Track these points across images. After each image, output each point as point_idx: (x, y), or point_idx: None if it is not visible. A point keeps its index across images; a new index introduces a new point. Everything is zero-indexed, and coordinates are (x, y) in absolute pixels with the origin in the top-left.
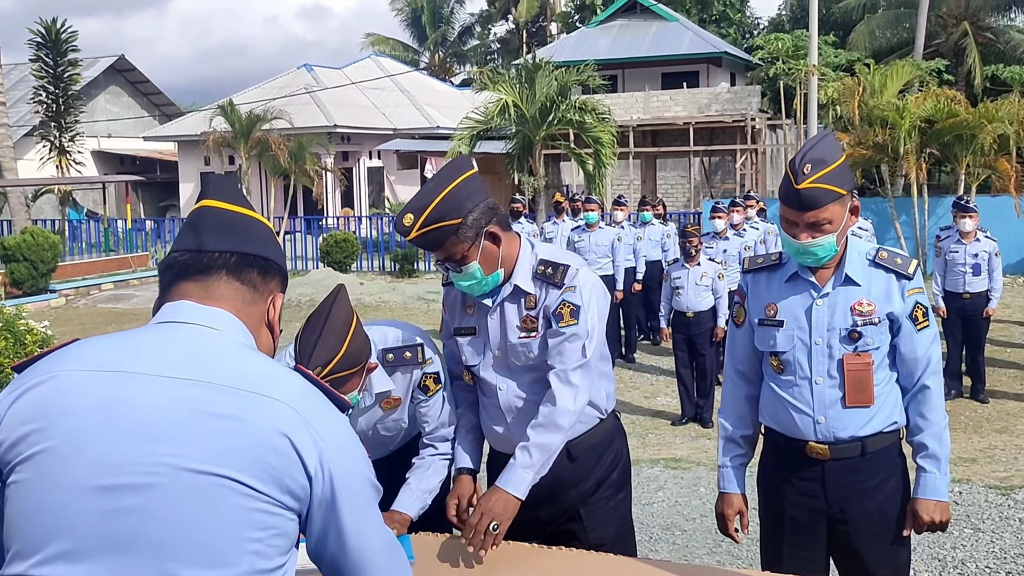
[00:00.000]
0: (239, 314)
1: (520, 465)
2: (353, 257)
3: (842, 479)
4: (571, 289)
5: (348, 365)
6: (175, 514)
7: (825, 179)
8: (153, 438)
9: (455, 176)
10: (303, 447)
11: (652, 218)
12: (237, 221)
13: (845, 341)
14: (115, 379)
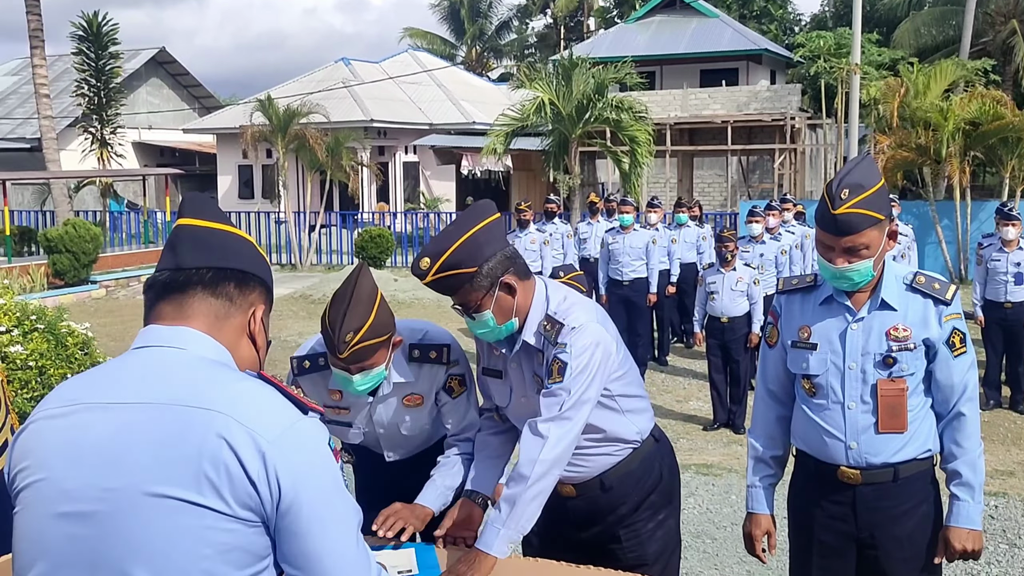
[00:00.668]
0: (211, 329)
1: (491, 521)
2: (388, 253)
3: (873, 504)
4: (562, 346)
5: (377, 333)
6: (127, 538)
7: (863, 204)
8: (104, 464)
9: (476, 221)
10: (241, 451)
11: (688, 220)
12: (213, 237)
13: (879, 366)
14: (77, 412)
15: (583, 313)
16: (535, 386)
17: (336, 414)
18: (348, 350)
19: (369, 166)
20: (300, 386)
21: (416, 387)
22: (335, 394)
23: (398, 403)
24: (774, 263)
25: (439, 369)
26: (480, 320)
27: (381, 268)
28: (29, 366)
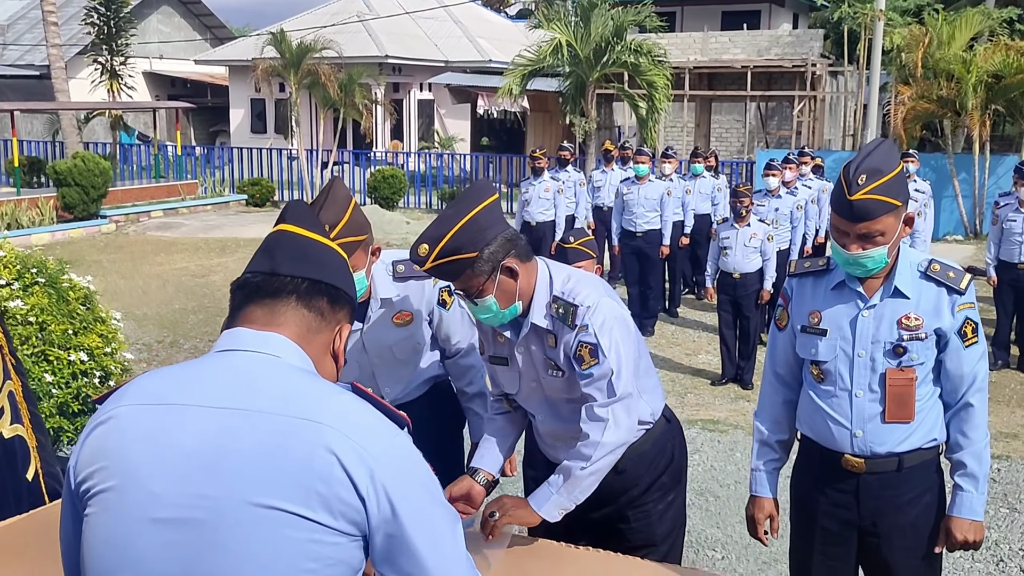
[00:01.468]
0: (300, 340)
1: (548, 483)
2: (400, 193)
3: (876, 493)
4: (584, 329)
5: (353, 231)
6: (227, 548)
7: (880, 190)
8: (200, 470)
9: (475, 204)
10: (351, 467)
11: (703, 170)
12: (312, 248)
13: (889, 355)
14: (164, 412)
15: (592, 291)
16: (546, 369)
17: None
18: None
19: (383, 104)
20: None
21: (404, 304)
22: None
23: (388, 323)
24: (789, 218)
25: (427, 285)
26: (483, 305)
27: (393, 209)
28: (30, 321)
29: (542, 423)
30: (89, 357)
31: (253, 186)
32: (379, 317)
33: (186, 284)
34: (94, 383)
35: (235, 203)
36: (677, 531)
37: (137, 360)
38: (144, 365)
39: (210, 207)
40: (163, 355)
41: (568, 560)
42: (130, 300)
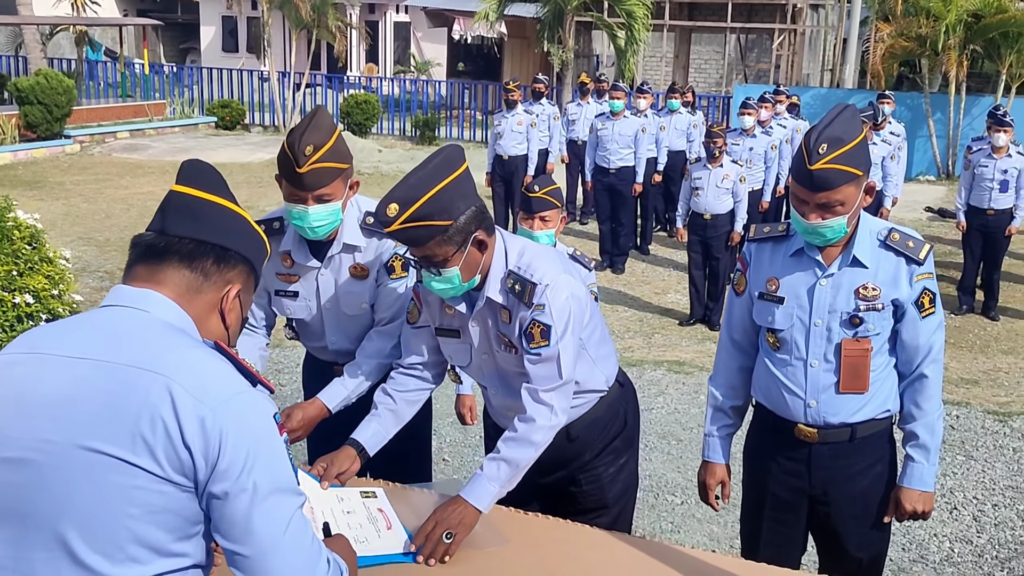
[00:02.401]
0: (180, 299)
1: (486, 477)
2: (374, 120)
3: (828, 463)
4: (540, 308)
5: (336, 158)
6: (54, 490)
7: (841, 159)
8: (46, 415)
9: (448, 171)
10: (182, 416)
11: (680, 106)
12: (202, 208)
13: (846, 325)
14: (32, 361)
15: (549, 266)
16: (500, 343)
17: (285, 281)
18: (308, 164)
19: (358, 28)
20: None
21: (364, 256)
22: (286, 260)
23: (345, 272)
24: (763, 158)
25: (388, 243)
26: (445, 276)
27: (366, 136)
28: None
29: (494, 396)
30: (35, 299)
31: (223, 108)
32: (338, 262)
33: (151, 209)
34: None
35: (204, 125)
36: (629, 493)
37: (98, 288)
38: (105, 293)
39: (178, 129)
40: None
41: (518, 527)
42: (92, 224)
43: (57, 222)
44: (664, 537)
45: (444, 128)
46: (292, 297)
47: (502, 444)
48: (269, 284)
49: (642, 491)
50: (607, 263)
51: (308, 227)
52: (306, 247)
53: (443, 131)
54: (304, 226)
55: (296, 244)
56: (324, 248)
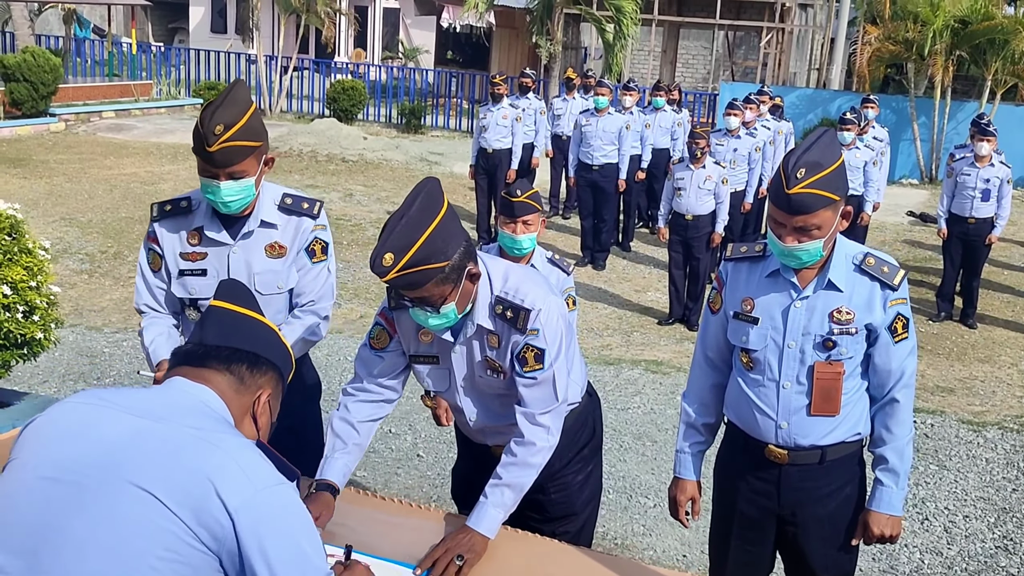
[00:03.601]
0: (223, 397)
1: (491, 504)
2: (360, 106)
3: (797, 484)
4: (534, 333)
5: (249, 135)
6: (91, 513)
7: (818, 184)
8: (102, 450)
9: (434, 212)
10: (231, 489)
11: (665, 104)
12: (236, 321)
13: (819, 348)
14: (93, 409)
15: (536, 289)
16: (485, 370)
17: (193, 259)
18: (218, 144)
19: (346, 13)
20: (158, 234)
21: (281, 235)
22: (193, 237)
23: (260, 249)
24: (747, 159)
25: (307, 223)
26: (443, 313)
27: (352, 123)
28: None
29: (472, 419)
30: (12, 290)
31: (210, 90)
32: (253, 239)
33: (134, 191)
34: (17, 317)
35: (190, 107)
36: (595, 500)
37: (79, 271)
38: (86, 276)
39: (164, 110)
40: (106, 266)
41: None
42: (75, 205)
43: (40, 201)
44: (636, 540)
45: (431, 116)
46: (200, 275)
47: (502, 470)
48: (172, 266)
49: (615, 493)
50: (588, 259)
51: (220, 201)
52: (219, 223)
53: (429, 119)
54: (216, 200)
55: (209, 220)
56: (238, 225)
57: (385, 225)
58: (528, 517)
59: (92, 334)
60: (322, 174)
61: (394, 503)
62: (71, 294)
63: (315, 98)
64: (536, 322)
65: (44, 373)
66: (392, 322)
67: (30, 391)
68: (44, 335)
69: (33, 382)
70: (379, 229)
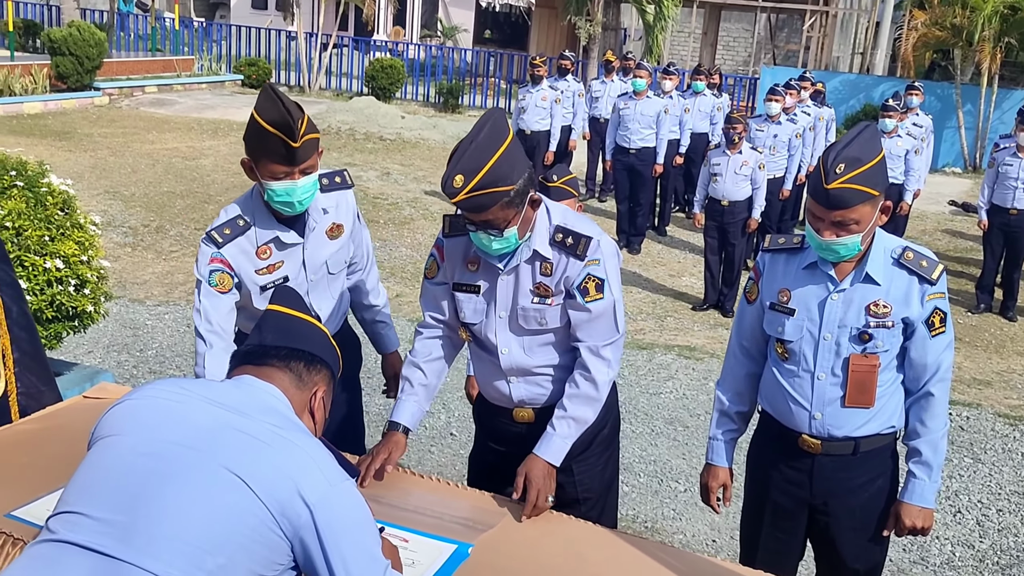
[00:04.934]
0: (286, 393)
1: (559, 435)
2: (398, 84)
3: (830, 474)
4: (595, 262)
5: (314, 129)
6: (183, 485)
7: (857, 179)
8: (193, 435)
9: (502, 139)
10: (310, 485)
11: (704, 88)
12: (292, 323)
13: (855, 340)
14: (184, 396)
15: (591, 225)
16: (532, 297)
17: (270, 272)
18: (302, 138)
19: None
20: (229, 260)
21: (336, 215)
22: (264, 252)
23: (323, 235)
24: (787, 145)
25: (347, 194)
26: (506, 237)
27: (390, 101)
28: (5, 227)
29: (504, 357)
30: (65, 264)
31: (250, 66)
32: (318, 229)
33: (176, 166)
34: (69, 291)
35: (231, 83)
36: (615, 484)
37: (122, 244)
38: (129, 250)
39: (205, 85)
40: (148, 240)
41: (513, 519)
42: (118, 179)
43: (84, 175)
44: (665, 524)
45: (468, 96)
46: (283, 283)
47: (568, 402)
48: (251, 285)
49: (646, 476)
50: (623, 243)
51: (297, 201)
52: (287, 227)
53: (467, 99)
54: (292, 200)
55: (278, 228)
56: (300, 222)
57: (455, 150)
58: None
59: (135, 306)
60: (360, 152)
61: (431, 480)
62: (115, 267)
63: (354, 76)
64: (597, 252)
65: (89, 344)
66: (441, 249)
67: (77, 361)
68: (94, 308)
69: (79, 352)
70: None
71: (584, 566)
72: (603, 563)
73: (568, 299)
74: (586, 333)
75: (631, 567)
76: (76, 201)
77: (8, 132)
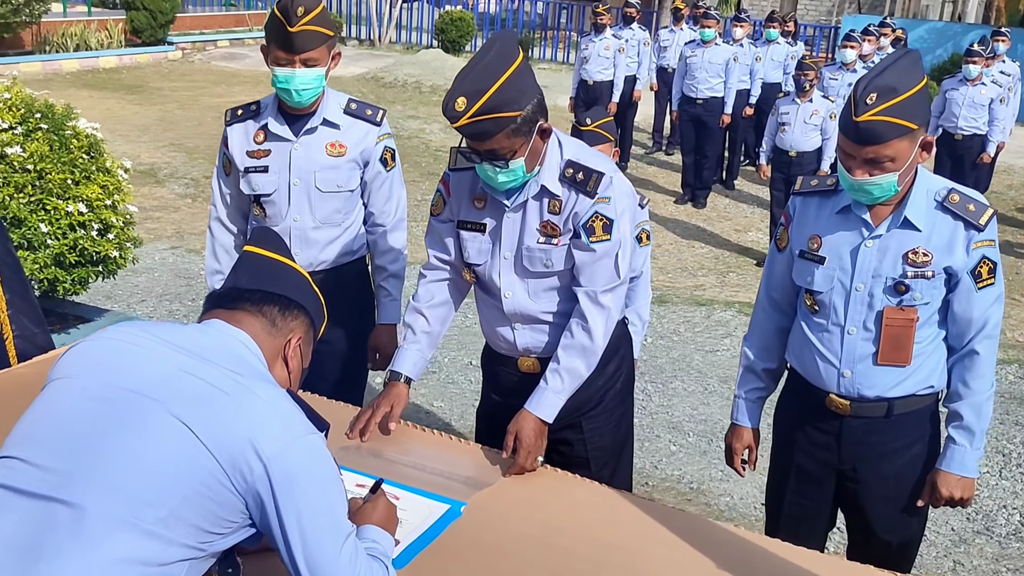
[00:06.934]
0: (256, 339)
1: (551, 390)
2: (468, 37)
3: (860, 438)
4: (604, 200)
5: (323, 23)
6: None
7: (891, 111)
8: (151, 382)
9: (510, 61)
10: (267, 437)
11: (778, 36)
12: (271, 266)
13: (889, 292)
14: (146, 340)
15: (606, 162)
16: (538, 236)
17: (258, 156)
18: (299, 25)
19: None
20: (229, 138)
21: (344, 136)
22: (259, 135)
23: (321, 146)
24: None
25: (371, 130)
26: (512, 168)
27: (459, 54)
28: (27, 169)
29: (507, 300)
30: (88, 208)
31: None
32: (316, 136)
33: None
34: (92, 235)
35: None
36: (628, 444)
37: (183, 195)
38: (189, 201)
39: None
40: (208, 191)
41: (528, 478)
42: (184, 131)
43: (151, 127)
44: (712, 486)
45: (538, 48)
46: (263, 172)
47: (561, 352)
48: (239, 164)
49: (695, 436)
50: (688, 196)
51: (293, 89)
52: (283, 120)
53: (536, 51)
54: (289, 88)
55: (274, 116)
56: (301, 122)
57: (460, 71)
58: (556, 460)
59: (191, 256)
60: (424, 105)
61: (432, 434)
62: (174, 217)
63: (423, 29)
64: (608, 189)
65: (143, 293)
66: (448, 184)
67: (128, 310)
68: (119, 253)
69: (132, 301)
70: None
71: (583, 528)
72: (603, 525)
73: (573, 238)
74: (587, 277)
75: (635, 530)
76: (103, 145)
77: (83, 86)
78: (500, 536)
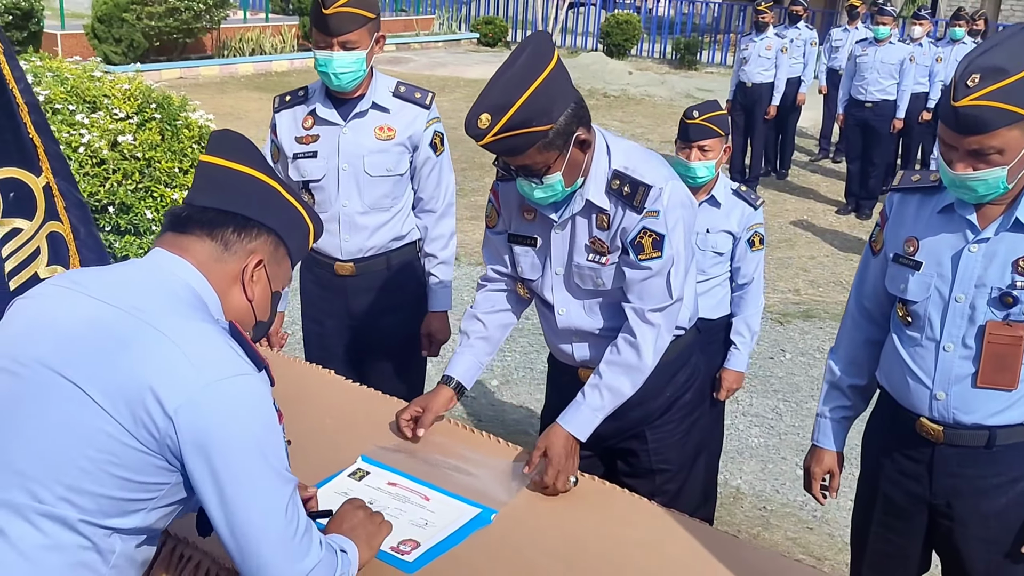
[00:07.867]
0: (202, 268)
1: (589, 406)
2: (633, 41)
3: (955, 470)
4: (653, 215)
5: (364, 6)
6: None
7: (998, 95)
8: (50, 341)
9: (540, 68)
10: (173, 383)
11: (965, 36)
12: (226, 177)
13: (995, 304)
14: (68, 294)
15: (660, 168)
16: (587, 254)
17: (306, 142)
18: (335, 7)
19: None
20: (277, 125)
21: (393, 120)
22: (307, 120)
23: (370, 130)
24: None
25: (420, 113)
26: (548, 184)
27: (624, 58)
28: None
29: (561, 317)
30: None
31: (486, 24)
32: (365, 119)
33: None
34: None
35: (466, 41)
36: (701, 459)
37: None
38: None
39: (441, 44)
40: None
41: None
42: None
43: None
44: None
45: (707, 52)
46: (311, 157)
47: (605, 368)
48: (288, 150)
49: (791, 450)
50: (852, 207)
51: (332, 73)
52: (332, 104)
53: (705, 55)
54: (328, 72)
55: (322, 102)
56: (349, 105)
57: (487, 82)
58: (621, 470)
59: None
60: None
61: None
62: None
63: (589, 32)
64: (657, 202)
65: None
66: (498, 195)
67: None
68: None
69: None
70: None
71: (617, 546)
72: (640, 545)
73: (622, 255)
74: (636, 295)
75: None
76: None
77: (254, 88)
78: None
